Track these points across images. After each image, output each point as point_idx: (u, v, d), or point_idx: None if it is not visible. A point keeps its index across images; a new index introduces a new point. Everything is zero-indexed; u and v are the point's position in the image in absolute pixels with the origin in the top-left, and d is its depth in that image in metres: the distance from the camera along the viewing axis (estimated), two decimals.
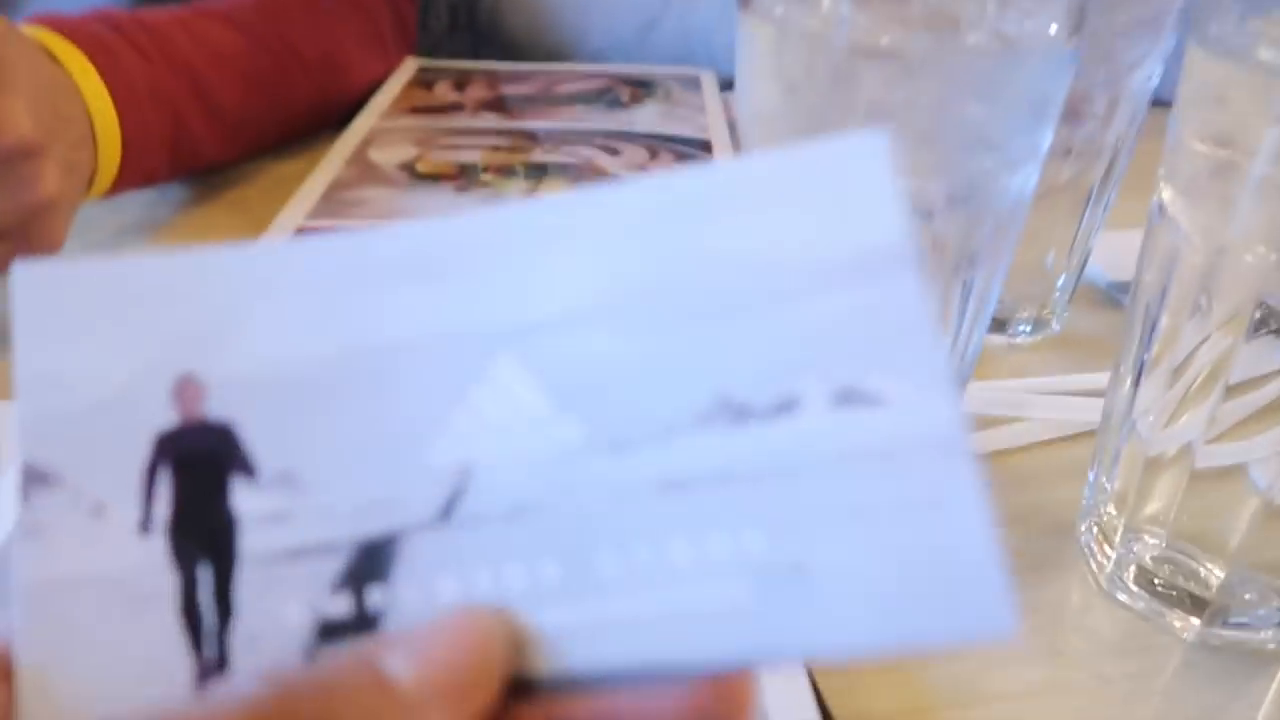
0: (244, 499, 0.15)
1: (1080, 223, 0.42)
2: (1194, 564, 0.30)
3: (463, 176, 0.54)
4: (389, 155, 0.56)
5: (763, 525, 0.14)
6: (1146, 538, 0.31)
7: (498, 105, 0.65)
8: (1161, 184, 0.28)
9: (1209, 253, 0.27)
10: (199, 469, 0.16)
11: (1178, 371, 0.29)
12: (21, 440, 0.15)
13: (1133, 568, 0.31)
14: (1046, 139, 0.29)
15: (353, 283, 0.16)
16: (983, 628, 0.13)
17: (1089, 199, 0.41)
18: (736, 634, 0.14)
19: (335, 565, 0.15)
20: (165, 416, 0.15)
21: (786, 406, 0.15)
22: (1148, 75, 0.39)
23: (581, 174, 0.54)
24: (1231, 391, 0.28)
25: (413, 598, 0.15)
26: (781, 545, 0.14)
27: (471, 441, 0.15)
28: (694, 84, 0.69)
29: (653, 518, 0.15)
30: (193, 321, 0.16)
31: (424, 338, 0.16)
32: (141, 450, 0.15)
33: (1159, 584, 0.31)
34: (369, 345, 0.16)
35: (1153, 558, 0.31)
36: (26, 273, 0.16)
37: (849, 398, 0.15)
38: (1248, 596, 0.29)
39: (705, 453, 0.15)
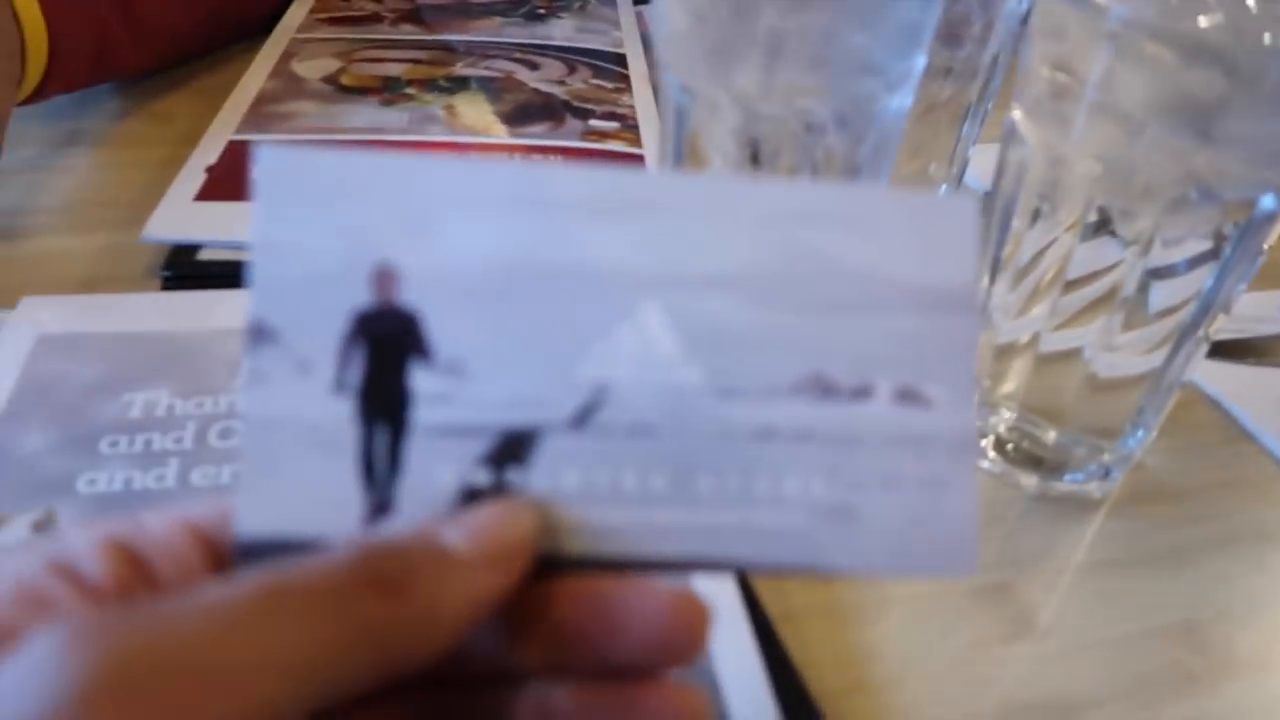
0: (419, 378, 0.18)
1: (959, 136, 0.46)
2: (1038, 432, 0.36)
3: (387, 89, 0.55)
4: (312, 68, 0.57)
5: (825, 475, 0.19)
6: (1003, 411, 0.37)
7: (415, 17, 0.66)
8: (1013, 104, 0.32)
9: (1049, 164, 0.31)
10: (385, 346, 0.18)
11: (1026, 270, 0.34)
12: (251, 299, 0.17)
13: (991, 437, 0.37)
14: (920, 63, 0.33)
15: (535, 208, 0.18)
16: (954, 568, 0.19)
17: (966, 114, 0.46)
18: (791, 548, 0.19)
19: (483, 445, 0.18)
20: (364, 297, 0.18)
21: (862, 393, 0.19)
22: (1019, 1, 0.43)
23: (502, 87, 0.57)
24: (1072, 286, 0.33)
25: (542, 481, 0.18)
26: (836, 492, 0.19)
27: (611, 365, 0.18)
28: None
29: (745, 455, 0.19)
30: (397, 217, 0.18)
31: (590, 270, 0.18)
32: (341, 323, 0.18)
33: (1010, 449, 0.36)
34: (542, 265, 0.18)
35: (1006, 428, 0.37)
36: (267, 154, 0.18)
37: (907, 397, 0.19)
38: (1079, 452, 0.35)
39: (794, 414, 0.19)
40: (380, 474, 0.18)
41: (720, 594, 0.28)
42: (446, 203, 0.18)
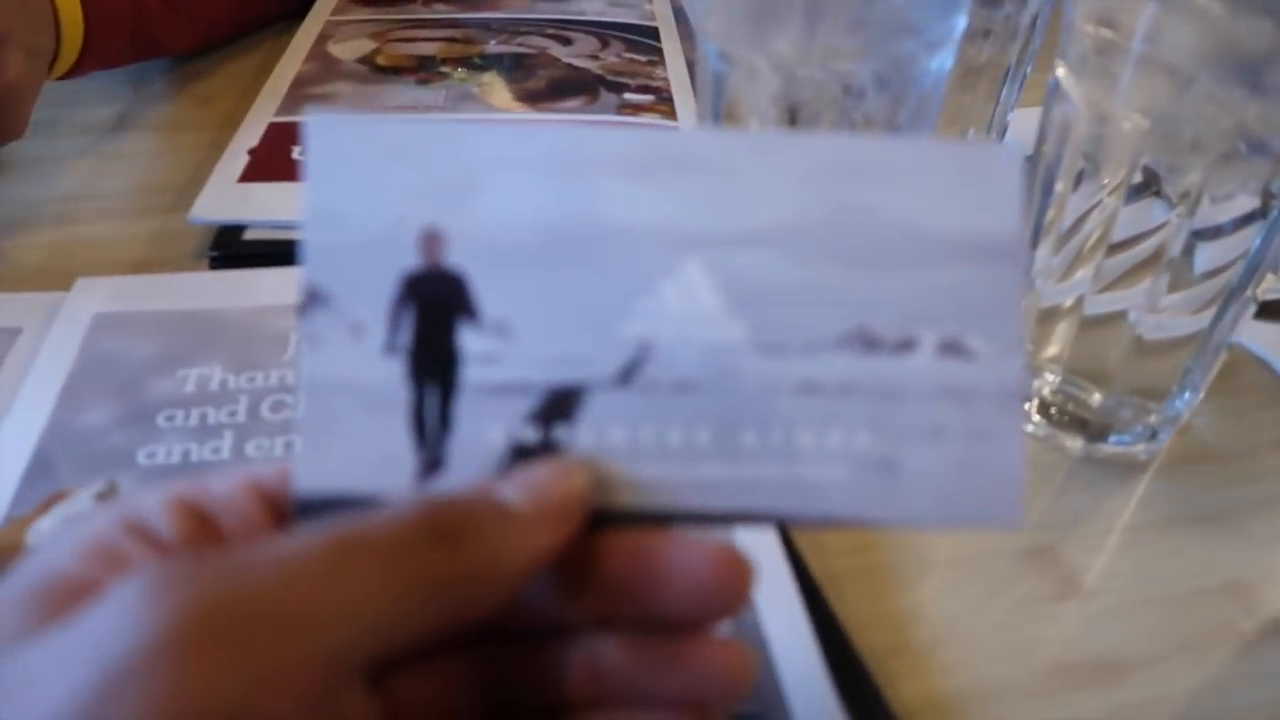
0: (467, 338, 0.19)
1: (998, 100, 0.46)
2: (1083, 394, 0.36)
3: (422, 68, 0.56)
4: (348, 49, 0.57)
5: (869, 428, 0.19)
6: (1047, 374, 0.36)
7: None
8: (1057, 62, 0.32)
9: (1094, 121, 0.31)
10: (434, 308, 0.18)
11: (1069, 234, 0.34)
12: (304, 265, 0.18)
13: (1036, 400, 0.37)
14: (960, 23, 0.33)
15: (578, 169, 0.19)
16: (1001, 519, 0.19)
17: (1006, 77, 0.45)
18: (834, 501, 0.19)
19: (531, 402, 0.19)
20: (412, 260, 0.18)
21: (906, 346, 0.19)
22: None
23: (535, 64, 0.57)
24: (1116, 249, 0.33)
25: (588, 438, 0.19)
26: (880, 445, 0.19)
27: (655, 323, 0.19)
28: None
29: (788, 410, 0.19)
30: (442, 181, 0.18)
31: (631, 229, 0.19)
32: (391, 286, 0.18)
33: (1054, 412, 0.36)
34: (584, 225, 0.19)
35: (1050, 392, 0.36)
36: (317, 123, 0.18)
37: (951, 349, 0.19)
38: (1124, 415, 0.35)
39: (838, 368, 0.19)
40: (432, 432, 0.19)
41: (766, 556, 0.29)
42: (490, 166, 0.18)
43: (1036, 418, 0.37)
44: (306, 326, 0.18)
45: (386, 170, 0.18)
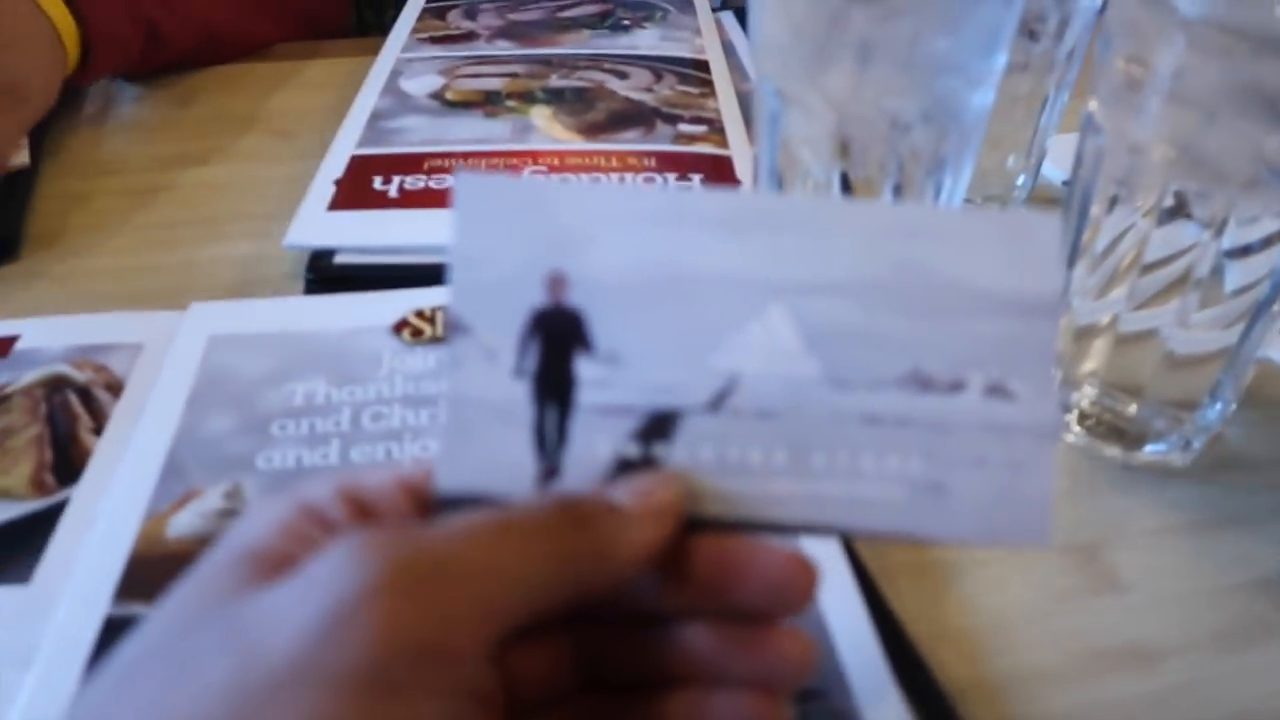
0: (583, 366, 0.22)
1: (1036, 128, 0.48)
2: (1119, 406, 0.38)
3: (489, 103, 0.59)
4: (419, 85, 0.61)
5: (923, 456, 0.22)
6: (1086, 387, 0.39)
7: (509, 33, 0.70)
8: (1090, 95, 0.35)
9: (1126, 151, 0.33)
10: (556, 339, 0.21)
11: (1104, 255, 0.36)
12: (450, 299, 0.21)
13: (1075, 411, 0.39)
14: (1001, 62, 0.36)
15: (677, 224, 0.22)
16: (1033, 539, 0.22)
17: (1044, 107, 0.48)
18: (890, 517, 0.22)
19: (634, 423, 0.22)
20: (539, 298, 0.21)
21: (956, 387, 0.22)
22: None
23: (595, 96, 0.60)
24: (1149, 269, 0.36)
25: (682, 455, 0.22)
26: (932, 471, 0.22)
27: (742, 358, 0.22)
28: (688, 5, 0.74)
29: (854, 437, 0.22)
30: (566, 232, 0.22)
31: (724, 277, 0.22)
32: (521, 319, 0.21)
33: (1093, 423, 0.39)
34: (684, 273, 0.22)
35: (1089, 403, 0.39)
36: (464, 179, 0.21)
37: (996, 391, 0.22)
38: (1159, 425, 0.37)
39: (897, 403, 0.22)
40: (550, 444, 0.22)
41: (828, 555, 0.31)
42: (605, 220, 0.22)
43: (1076, 428, 0.39)
44: (451, 350, 0.21)
45: (519, 221, 0.21)
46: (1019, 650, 0.30)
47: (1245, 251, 0.34)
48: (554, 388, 0.22)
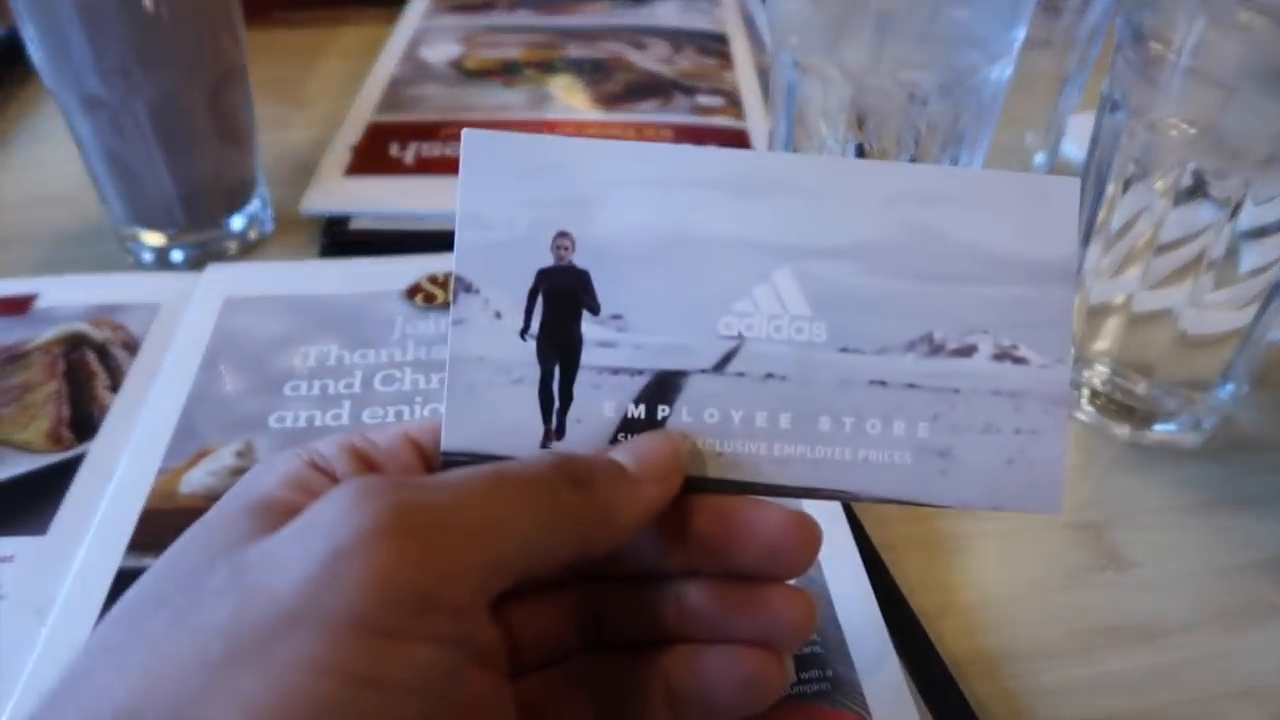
0: (588, 327, 0.22)
1: (1055, 105, 0.48)
2: (1130, 384, 0.38)
3: (507, 72, 0.59)
4: (438, 53, 0.61)
5: (930, 420, 0.22)
6: (1097, 365, 0.39)
7: (528, 2, 0.69)
8: (1109, 72, 0.34)
9: (1143, 129, 0.33)
10: (562, 299, 0.22)
11: (1120, 234, 0.36)
12: (456, 259, 0.21)
13: (1086, 390, 0.39)
14: (1020, 35, 0.35)
15: (686, 186, 0.22)
16: (1042, 505, 0.22)
17: (1064, 84, 0.47)
18: (896, 482, 0.22)
19: (639, 384, 0.22)
20: (545, 258, 0.21)
21: (966, 351, 0.22)
22: None
23: (613, 67, 0.60)
24: (1164, 249, 0.35)
25: (687, 416, 0.22)
26: (938, 435, 0.22)
27: (748, 321, 0.22)
28: None
29: (860, 401, 0.22)
30: (573, 191, 0.21)
31: (731, 239, 0.22)
32: (527, 279, 0.21)
33: (1103, 401, 0.38)
34: (691, 235, 0.22)
35: (1100, 381, 0.39)
36: (472, 137, 0.21)
37: (1006, 355, 0.22)
38: (1170, 404, 0.37)
39: (905, 367, 0.22)
40: (555, 404, 0.22)
41: (831, 524, 0.31)
42: (613, 180, 0.22)
43: (1087, 406, 0.39)
44: (456, 310, 0.21)
45: (527, 180, 0.21)
46: (1022, 625, 0.31)
47: (1261, 233, 0.34)
48: (560, 348, 0.22)
